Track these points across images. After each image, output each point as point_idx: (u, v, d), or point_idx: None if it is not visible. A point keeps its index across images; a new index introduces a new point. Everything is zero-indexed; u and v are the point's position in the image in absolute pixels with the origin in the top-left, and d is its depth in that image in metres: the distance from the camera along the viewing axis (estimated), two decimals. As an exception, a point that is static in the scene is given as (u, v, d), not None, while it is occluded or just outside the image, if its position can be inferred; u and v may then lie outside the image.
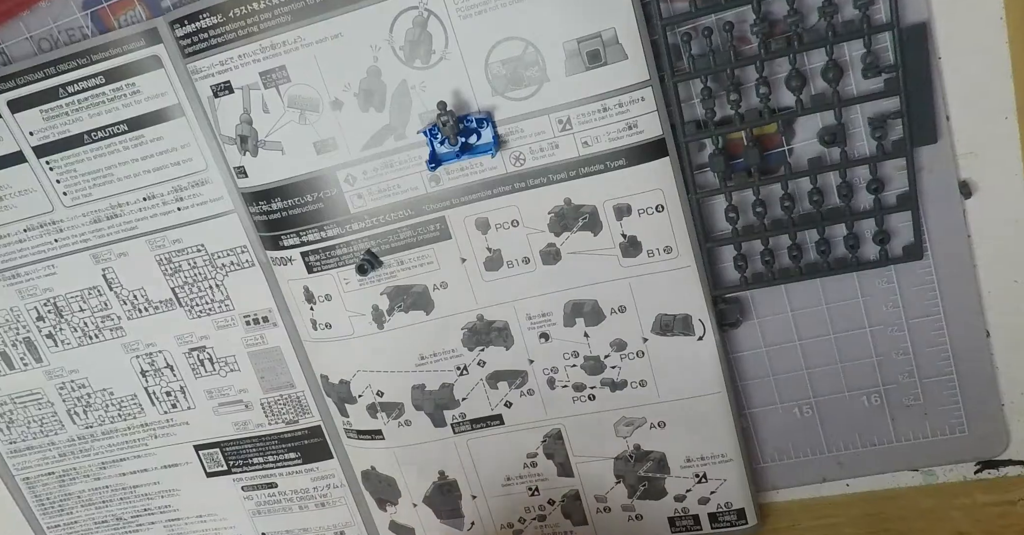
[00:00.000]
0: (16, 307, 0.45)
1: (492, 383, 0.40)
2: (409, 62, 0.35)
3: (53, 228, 0.43)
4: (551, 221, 0.37)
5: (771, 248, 0.36)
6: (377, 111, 0.36)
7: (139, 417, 0.46)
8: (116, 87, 0.39)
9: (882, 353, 0.37)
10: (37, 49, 0.39)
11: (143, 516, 0.49)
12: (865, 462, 0.39)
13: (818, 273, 0.36)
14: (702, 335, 0.37)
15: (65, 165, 0.41)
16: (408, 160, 0.37)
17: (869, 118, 0.34)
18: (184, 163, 0.40)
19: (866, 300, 0.36)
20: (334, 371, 0.42)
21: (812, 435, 0.39)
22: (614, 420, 0.40)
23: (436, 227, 0.38)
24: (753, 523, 0.40)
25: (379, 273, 0.39)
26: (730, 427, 0.39)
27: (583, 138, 0.35)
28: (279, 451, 0.45)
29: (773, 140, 0.35)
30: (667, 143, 0.35)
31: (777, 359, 0.38)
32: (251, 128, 0.37)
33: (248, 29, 0.35)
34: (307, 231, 0.39)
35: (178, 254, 0.42)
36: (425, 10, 0.34)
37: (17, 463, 0.50)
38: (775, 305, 0.37)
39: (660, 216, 0.36)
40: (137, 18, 0.38)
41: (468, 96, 0.35)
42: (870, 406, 0.38)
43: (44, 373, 0.47)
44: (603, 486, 0.41)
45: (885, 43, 0.33)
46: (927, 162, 0.34)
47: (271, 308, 0.42)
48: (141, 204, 0.41)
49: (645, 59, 0.33)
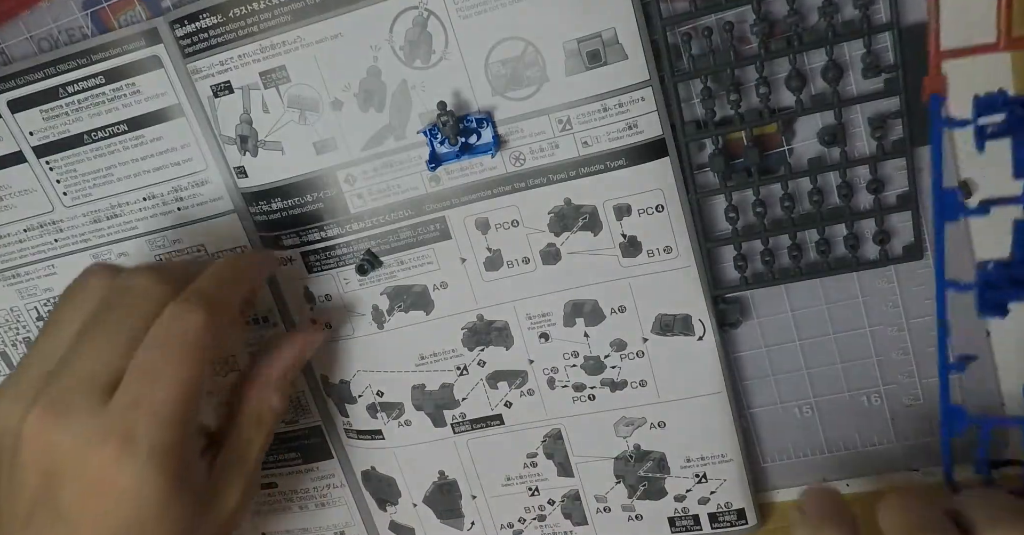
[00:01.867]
0: (16, 307, 0.45)
1: (492, 383, 0.40)
2: (409, 62, 0.35)
3: (53, 228, 0.43)
4: (551, 221, 0.37)
5: (771, 248, 0.36)
6: (377, 111, 0.36)
7: (139, 417, 0.46)
8: (116, 87, 0.39)
9: (882, 353, 0.37)
10: (37, 49, 0.39)
11: (143, 516, 0.49)
12: (865, 462, 0.39)
13: (818, 273, 0.36)
14: (702, 335, 0.37)
15: (65, 165, 0.41)
16: (408, 160, 0.37)
17: (869, 118, 0.34)
18: (184, 163, 0.40)
19: (866, 300, 0.36)
20: (334, 371, 0.42)
21: (812, 435, 0.39)
22: (614, 420, 0.40)
23: (436, 227, 0.38)
24: (753, 523, 0.40)
25: (379, 273, 0.39)
26: (730, 427, 0.39)
27: (583, 138, 0.35)
28: (279, 451, 0.45)
29: (773, 140, 0.35)
30: (667, 143, 0.35)
31: (777, 359, 0.38)
32: (251, 128, 0.37)
33: (248, 29, 0.35)
34: (307, 231, 0.39)
35: (178, 254, 0.42)
36: (425, 10, 0.34)
37: (17, 463, 0.50)
38: (775, 305, 0.37)
39: (660, 216, 0.36)
40: (137, 18, 0.38)
41: (468, 96, 0.35)
42: (870, 406, 0.38)
43: (44, 373, 0.47)
44: (603, 486, 0.41)
45: (885, 43, 0.33)
46: (927, 162, 0.34)
47: (271, 308, 0.42)
48: (141, 204, 0.41)
49: (645, 59, 0.33)
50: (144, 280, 0.32)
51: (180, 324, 0.30)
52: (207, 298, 0.31)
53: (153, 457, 0.29)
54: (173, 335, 0.30)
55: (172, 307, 0.30)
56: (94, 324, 0.31)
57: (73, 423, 0.29)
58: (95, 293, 0.33)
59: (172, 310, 0.30)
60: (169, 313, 0.30)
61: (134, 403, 0.29)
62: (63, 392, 0.29)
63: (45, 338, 0.32)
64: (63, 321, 0.32)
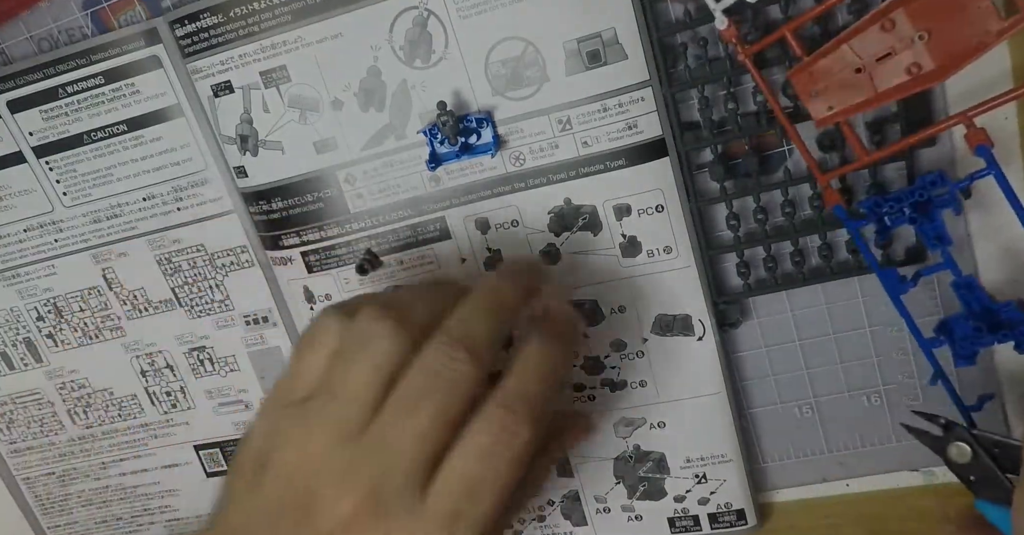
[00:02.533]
0: (16, 307, 0.45)
1: (492, 383, 0.40)
2: (409, 62, 0.35)
3: (53, 228, 0.43)
4: (551, 221, 0.37)
5: (773, 254, 0.36)
6: (377, 111, 0.36)
7: (139, 417, 0.46)
8: (116, 87, 0.39)
9: (882, 353, 0.37)
10: (37, 49, 0.39)
11: (143, 516, 0.49)
12: (865, 462, 0.39)
13: (821, 278, 0.36)
14: (702, 335, 0.37)
15: (65, 165, 0.41)
16: (408, 160, 0.37)
17: (867, 122, 0.34)
18: (184, 163, 0.40)
19: (866, 300, 0.36)
20: (334, 371, 0.42)
21: (812, 435, 0.39)
22: (614, 420, 0.40)
23: (436, 227, 0.38)
24: (753, 523, 0.40)
25: (379, 273, 0.39)
26: (730, 427, 0.39)
27: (583, 138, 0.35)
28: (279, 451, 0.45)
29: (772, 140, 0.35)
30: (667, 143, 0.35)
31: (777, 359, 0.38)
32: (251, 128, 0.37)
33: (248, 29, 0.35)
34: (307, 231, 0.39)
35: (178, 254, 0.42)
36: (425, 10, 0.34)
37: (17, 463, 0.50)
38: (775, 305, 0.37)
39: (660, 216, 0.36)
40: (137, 18, 0.38)
41: (468, 96, 0.35)
42: (870, 406, 0.38)
43: (44, 373, 0.47)
44: (603, 486, 0.41)
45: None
46: (927, 164, 0.34)
47: (271, 308, 0.42)
48: (141, 204, 0.41)
49: (645, 59, 0.33)
50: (445, 355, 0.29)
51: (509, 438, 0.28)
52: (534, 410, 0.29)
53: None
54: (500, 448, 0.28)
55: (503, 415, 0.28)
56: (396, 399, 0.28)
57: (393, 528, 0.27)
58: (387, 357, 0.29)
59: (503, 419, 0.28)
60: (500, 423, 0.28)
61: (454, 515, 0.27)
62: (381, 480, 0.27)
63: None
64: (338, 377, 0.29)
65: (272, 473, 0.28)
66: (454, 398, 0.28)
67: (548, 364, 0.30)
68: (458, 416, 0.28)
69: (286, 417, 0.29)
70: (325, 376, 0.29)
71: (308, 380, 0.30)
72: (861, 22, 0.29)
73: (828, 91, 0.30)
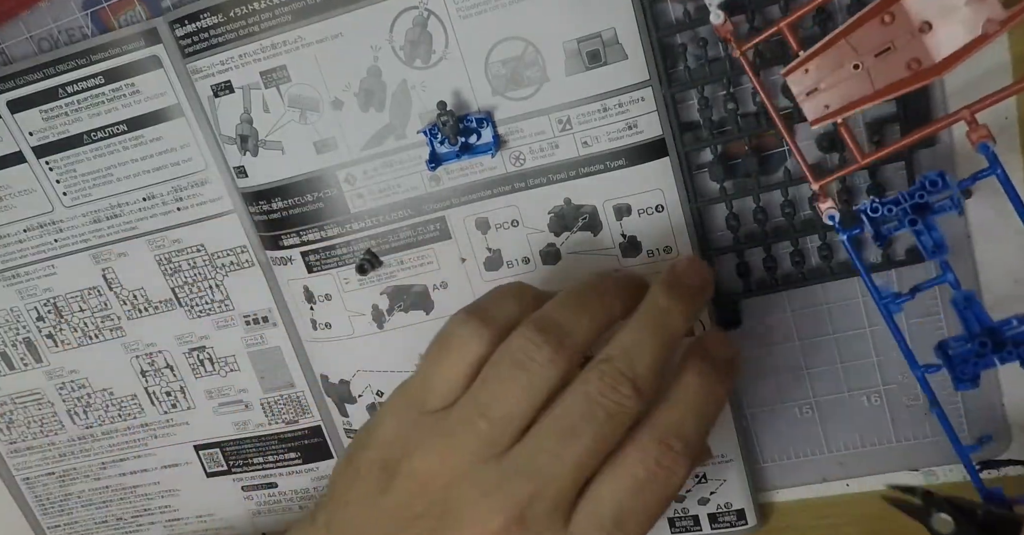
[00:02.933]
0: (16, 307, 0.45)
1: (492, 383, 0.40)
2: (409, 62, 0.35)
3: (53, 228, 0.43)
4: (551, 221, 0.37)
5: (773, 254, 0.36)
6: (377, 111, 0.36)
7: (139, 417, 0.47)
8: (116, 87, 0.39)
9: (882, 353, 0.37)
10: (37, 49, 0.39)
11: (143, 516, 0.49)
12: (865, 462, 0.39)
13: (821, 278, 0.36)
14: (702, 335, 0.37)
15: (65, 165, 0.41)
16: (408, 160, 0.37)
17: (867, 123, 0.34)
18: (184, 163, 0.40)
19: (866, 300, 0.36)
20: (334, 371, 0.42)
21: (812, 435, 0.39)
22: (614, 420, 0.40)
23: (436, 227, 0.38)
24: (753, 523, 0.40)
25: (379, 273, 0.39)
26: (730, 427, 0.39)
27: (583, 138, 0.35)
28: (279, 451, 0.45)
29: (772, 140, 0.35)
30: (667, 143, 0.35)
31: (777, 359, 0.38)
32: (251, 128, 0.37)
33: (249, 29, 0.35)
34: (307, 231, 0.39)
35: (178, 254, 0.42)
36: (425, 10, 0.34)
37: (17, 463, 0.50)
38: (775, 305, 0.37)
39: (660, 216, 0.36)
40: (137, 18, 0.38)
41: (468, 96, 0.35)
42: (870, 406, 0.38)
43: (44, 373, 0.47)
44: (603, 486, 0.41)
45: (885, 43, 0.33)
46: (926, 164, 0.34)
47: (271, 308, 0.42)
48: (141, 204, 0.41)
49: (645, 59, 0.33)
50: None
51: (665, 475, 0.28)
52: (691, 448, 0.28)
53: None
54: (654, 484, 0.28)
55: (661, 451, 0.28)
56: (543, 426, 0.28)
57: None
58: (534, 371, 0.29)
59: (660, 455, 0.28)
60: (656, 458, 0.28)
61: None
62: (531, 502, 0.27)
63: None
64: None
65: (404, 479, 0.28)
66: (612, 430, 0.28)
67: (710, 401, 0.30)
68: (613, 446, 0.28)
69: (422, 426, 0.29)
70: (474, 391, 0.29)
71: (445, 390, 0.29)
72: (860, 15, 0.29)
73: (825, 89, 0.30)
